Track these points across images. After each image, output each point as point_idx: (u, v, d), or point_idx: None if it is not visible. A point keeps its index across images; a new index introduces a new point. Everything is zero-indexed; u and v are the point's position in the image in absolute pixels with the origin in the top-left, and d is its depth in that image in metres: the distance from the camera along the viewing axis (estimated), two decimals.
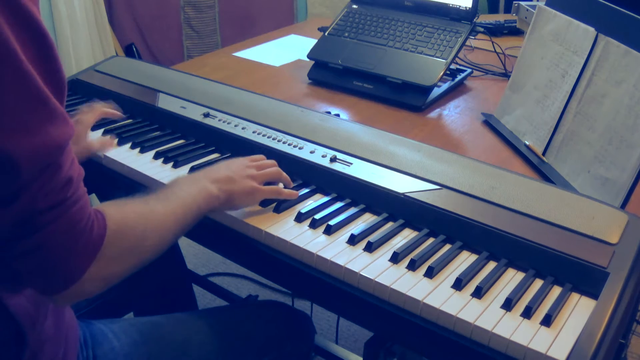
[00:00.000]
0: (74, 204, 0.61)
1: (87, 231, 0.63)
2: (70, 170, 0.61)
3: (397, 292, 0.74)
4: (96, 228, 0.64)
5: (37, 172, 0.57)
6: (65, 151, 0.60)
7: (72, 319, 0.81)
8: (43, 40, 0.57)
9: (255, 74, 1.51)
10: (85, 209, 0.63)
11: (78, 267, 0.63)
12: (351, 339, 1.81)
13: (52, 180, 0.58)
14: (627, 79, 0.92)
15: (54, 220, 0.60)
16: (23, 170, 0.55)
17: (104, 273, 0.65)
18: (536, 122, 1.11)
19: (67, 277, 0.63)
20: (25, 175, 0.56)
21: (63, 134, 0.58)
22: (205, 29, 3.21)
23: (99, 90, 1.26)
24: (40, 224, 0.59)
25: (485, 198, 0.86)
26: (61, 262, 0.62)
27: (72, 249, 0.62)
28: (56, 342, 0.74)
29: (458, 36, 1.34)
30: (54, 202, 0.59)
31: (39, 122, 0.56)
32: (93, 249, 0.64)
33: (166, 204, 0.77)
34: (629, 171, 0.88)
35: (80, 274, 0.63)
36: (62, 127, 0.58)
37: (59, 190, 0.59)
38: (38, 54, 0.56)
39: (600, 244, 0.77)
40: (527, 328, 0.69)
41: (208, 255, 2.19)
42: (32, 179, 0.57)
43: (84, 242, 0.62)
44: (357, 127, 1.06)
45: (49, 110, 0.57)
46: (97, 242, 0.64)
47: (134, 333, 0.89)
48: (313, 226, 0.86)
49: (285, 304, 1.12)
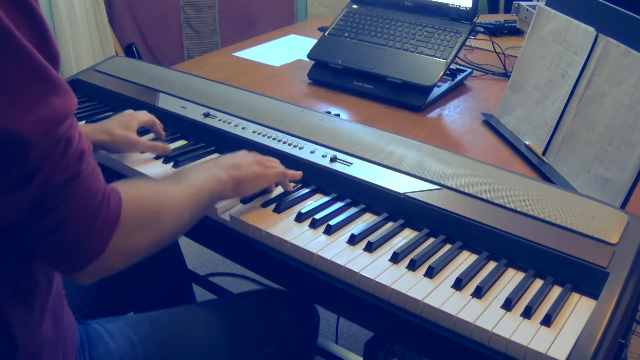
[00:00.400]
0: (89, 176, 0.61)
1: (105, 203, 0.62)
2: (81, 143, 0.61)
3: (397, 292, 0.74)
4: (113, 201, 0.64)
5: (50, 148, 0.57)
6: (73, 124, 0.60)
7: (71, 321, 0.80)
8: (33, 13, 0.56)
9: (255, 74, 1.51)
10: (101, 181, 0.63)
11: (100, 241, 0.63)
12: (351, 339, 1.81)
13: (65, 154, 0.58)
14: (627, 79, 0.92)
15: (72, 195, 0.59)
16: (34, 148, 0.55)
17: (125, 246, 0.65)
18: (536, 122, 1.11)
19: (89, 252, 0.62)
20: (37, 152, 0.56)
21: (68, 103, 0.58)
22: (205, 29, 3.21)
23: (99, 90, 1.26)
24: (58, 200, 0.59)
25: (485, 198, 0.86)
26: (83, 237, 0.61)
27: (92, 222, 0.61)
28: (55, 345, 0.74)
29: (458, 36, 1.34)
30: (70, 176, 0.59)
31: (42, 95, 0.56)
32: (112, 221, 0.63)
33: (179, 185, 0.77)
34: (629, 171, 0.88)
35: (102, 248, 0.63)
36: (65, 97, 0.58)
37: (73, 164, 0.59)
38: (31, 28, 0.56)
39: (601, 244, 0.77)
40: (527, 328, 0.69)
41: (208, 255, 2.19)
42: (45, 155, 0.56)
43: (103, 214, 0.62)
44: (357, 127, 1.06)
45: (51, 82, 0.57)
46: (116, 213, 0.64)
47: (129, 333, 0.88)
48: (313, 226, 0.86)
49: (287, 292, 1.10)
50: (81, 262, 0.63)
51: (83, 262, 0.63)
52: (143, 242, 0.69)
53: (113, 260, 0.65)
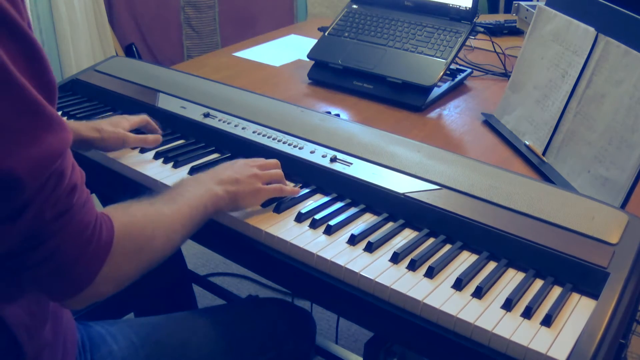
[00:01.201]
0: (80, 209, 0.61)
1: (97, 234, 0.62)
2: (73, 176, 0.60)
3: (397, 292, 0.74)
4: (105, 230, 0.64)
5: (41, 184, 0.56)
6: (67, 157, 0.59)
7: (70, 322, 0.80)
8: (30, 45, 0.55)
9: (255, 74, 1.51)
10: (92, 212, 0.63)
11: (90, 271, 0.63)
12: (351, 339, 1.81)
13: (56, 189, 0.58)
14: (627, 79, 0.92)
15: (63, 228, 0.59)
16: (26, 185, 0.54)
17: (115, 274, 0.65)
18: (536, 122, 1.11)
19: (80, 282, 0.62)
20: (29, 189, 0.55)
21: (62, 140, 0.57)
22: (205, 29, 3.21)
23: (99, 90, 1.26)
24: (49, 234, 0.58)
25: (485, 198, 0.86)
26: (73, 267, 0.61)
27: (83, 253, 0.61)
28: (54, 347, 0.74)
29: (458, 36, 1.34)
30: (61, 210, 0.59)
31: (36, 133, 0.55)
32: (104, 250, 0.63)
33: (172, 204, 0.77)
34: (629, 171, 0.88)
35: (92, 277, 0.63)
36: (60, 134, 0.57)
37: (65, 198, 0.59)
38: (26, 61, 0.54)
39: (601, 244, 0.77)
40: (528, 328, 0.69)
41: (208, 255, 2.19)
42: (36, 191, 0.56)
43: (94, 245, 0.62)
44: (357, 127, 1.06)
45: (45, 119, 0.56)
46: (107, 243, 0.64)
47: (132, 335, 0.88)
48: (313, 226, 0.86)
49: (285, 300, 1.11)
50: (71, 291, 0.63)
51: (73, 291, 0.63)
52: (134, 268, 0.69)
53: (103, 287, 0.65)
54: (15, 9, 0.54)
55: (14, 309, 0.67)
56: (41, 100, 0.55)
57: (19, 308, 0.67)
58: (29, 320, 0.68)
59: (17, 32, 0.54)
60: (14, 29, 0.53)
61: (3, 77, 0.52)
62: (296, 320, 1.04)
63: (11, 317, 0.66)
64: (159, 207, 0.75)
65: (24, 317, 0.68)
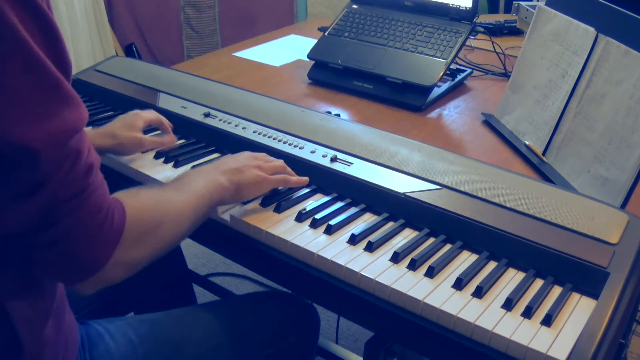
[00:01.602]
0: (95, 191, 0.61)
1: (109, 218, 0.63)
2: (90, 157, 0.61)
3: (398, 291, 0.75)
4: (117, 215, 0.64)
5: (59, 161, 0.57)
6: (83, 137, 0.60)
7: (72, 321, 0.80)
8: (48, 24, 0.56)
9: (255, 74, 1.51)
10: (106, 196, 0.63)
11: (102, 255, 0.63)
12: (351, 339, 1.81)
13: (73, 168, 0.58)
14: (627, 79, 0.92)
15: (77, 209, 0.59)
16: (43, 160, 0.55)
17: (126, 258, 0.66)
18: (536, 122, 1.12)
19: (91, 265, 0.63)
20: (46, 164, 0.56)
21: (79, 116, 0.58)
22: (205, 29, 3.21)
23: (99, 90, 1.26)
24: (62, 214, 0.59)
25: (485, 198, 0.86)
26: (85, 250, 0.61)
27: (96, 236, 0.62)
28: (56, 345, 0.74)
29: (458, 36, 1.34)
30: (76, 190, 0.59)
31: (55, 107, 0.56)
32: (115, 235, 0.64)
33: (180, 192, 0.77)
34: (629, 171, 0.88)
35: (104, 261, 0.63)
36: (77, 110, 0.58)
37: (80, 178, 0.59)
38: (45, 39, 0.56)
39: (601, 244, 0.77)
40: (528, 328, 0.69)
41: (208, 255, 2.19)
42: (54, 168, 0.56)
43: (106, 229, 0.62)
44: (357, 127, 1.06)
45: (64, 94, 0.57)
46: (119, 228, 0.64)
47: (130, 333, 0.88)
48: (313, 226, 0.87)
49: (288, 293, 1.10)
50: (82, 274, 0.63)
51: (84, 274, 0.63)
52: (144, 253, 0.69)
53: (114, 272, 0.65)
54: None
55: (18, 303, 0.67)
56: (60, 77, 0.56)
57: (22, 302, 0.67)
58: (31, 313, 0.68)
59: (37, 10, 0.55)
60: (34, 7, 0.55)
61: (24, 52, 0.53)
62: (299, 313, 1.03)
63: (14, 310, 0.66)
64: (168, 194, 0.76)
65: (27, 310, 0.68)
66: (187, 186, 0.79)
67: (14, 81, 0.53)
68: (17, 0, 0.53)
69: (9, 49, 0.53)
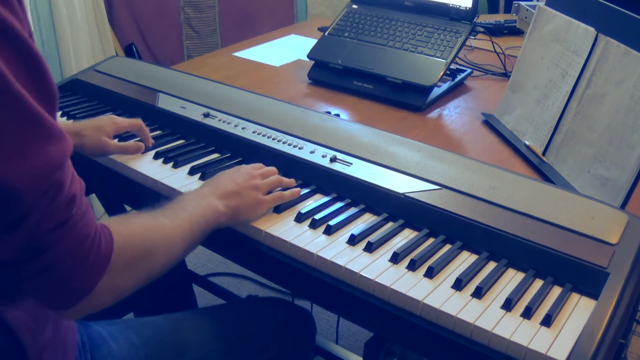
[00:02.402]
0: (79, 220, 0.60)
1: (95, 246, 0.62)
2: (72, 186, 0.60)
3: (397, 292, 0.74)
4: (103, 242, 0.63)
5: (39, 195, 0.55)
6: (66, 168, 0.59)
7: (70, 323, 0.80)
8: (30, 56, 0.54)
9: (255, 74, 1.51)
10: (91, 224, 0.62)
11: (87, 283, 0.62)
12: (351, 339, 1.81)
13: (55, 200, 0.57)
14: (627, 79, 0.92)
15: (61, 239, 0.58)
16: (25, 197, 0.54)
17: (113, 286, 0.65)
18: (536, 122, 1.11)
19: (77, 293, 0.62)
20: (28, 200, 0.55)
21: (62, 151, 0.57)
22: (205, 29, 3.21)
23: (99, 90, 1.26)
24: (47, 245, 0.58)
25: (485, 198, 0.86)
26: (70, 279, 0.61)
27: (81, 265, 0.61)
28: (54, 347, 0.74)
29: (458, 36, 1.34)
30: (59, 221, 0.58)
31: (36, 145, 0.54)
32: (102, 263, 0.63)
33: (174, 219, 0.76)
34: (629, 171, 0.88)
35: (89, 289, 0.62)
36: (60, 145, 0.56)
37: (63, 210, 0.58)
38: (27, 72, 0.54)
39: (600, 244, 0.77)
40: (527, 328, 0.69)
41: (208, 255, 2.19)
42: (35, 202, 0.55)
43: (92, 257, 0.62)
44: (357, 127, 1.06)
45: (46, 130, 0.55)
46: (106, 256, 0.63)
47: (131, 335, 0.89)
48: (313, 226, 0.86)
49: (285, 300, 1.11)
50: (69, 302, 0.63)
51: (70, 302, 0.62)
52: (132, 281, 0.68)
53: (101, 298, 0.64)
54: (16, 17, 0.53)
55: (18, 312, 0.67)
56: (41, 112, 0.54)
57: (22, 311, 0.67)
58: (32, 323, 0.68)
59: (18, 42, 0.53)
60: (15, 39, 0.53)
61: (3, 88, 0.51)
62: (296, 319, 1.05)
63: (15, 320, 0.66)
64: (160, 220, 0.75)
65: (27, 320, 0.68)
66: (181, 211, 0.78)
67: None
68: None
69: None
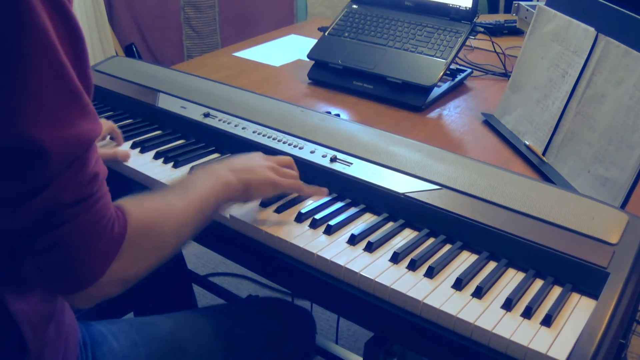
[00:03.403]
0: (98, 200, 0.61)
1: (109, 229, 0.62)
2: (96, 166, 0.61)
3: (397, 292, 0.74)
4: (117, 227, 0.63)
5: (66, 165, 0.57)
6: (93, 147, 0.60)
7: (72, 322, 0.80)
8: (78, 39, 0.57)
9: (255, 74, 1.51)
10: (108, 207, 0.63)
11: (98, 267, 0.62)
12: (351, 339, 1.81)
13: (79, 174, 0.58)
14: (627, 79, 0.92)
15: (78, 215, 0.59)
16: (52, 163, 0.55)
17: (123, 274, 0.65)
18: (536, 122, 1.11)
19: (86, 277, 0.61)
20: (54, 167, 0.56)
21: (93, 130, 0.59)
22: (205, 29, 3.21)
23: (99, 90, 1.26)
24: (63, 218, 0.58)
25: (485, 198, 0.86)
26: (81, 260, 0.60)
27: (93, 247, 0.61)
28: (56, 345, 0.74)
29: (458, 36, 1.34)
30: (79, 196, 0.59)
31: (72, 115, 0.57)
32: (114, 247, 0.63)
33: (184, 197, 0.76)
34: (629, 171, 0.88)
35: (100, 274, 0.62)
36: (92, 124, 0.59)
37: (85, 185, 0.59)
38: (73, 51, 0.57)
39: (601, 244, 0.77)
40: (528, 328, 0.69)
41: (208, 255, 2.19)
42: (59, 171, 0.57)
43: (105, 240, 0.61)
44: (357, 127, 1.06)
45: (82, 105, 0.58)
46: (118, 241, 0.63)
47: (132, 334, 0.89)
48: (313, 226, 0.86)
49: (285, 300, 1.11)
50: (77, 285, 0.62)
51: (79, 285, 0.62)
52: (141, 268, 0.68)
53: (109, 286, 0.64)
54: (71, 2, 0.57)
55: (22, 306, 0.67)
56: (82, 89, 0.57)
57: (26, 305, 0.67)
58: (35, 317, 0.68)
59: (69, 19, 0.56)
60: (66, 13, 0.56)
61: (51, 56, 0.54)
62: (296, 320, 1.05)
63: (19, 314, 0.66)
64: (171, 201, 0.74)
65: (32, 315, 0.68)
66: (191, 189, 0.78)
67: (38, 82, 0.54)
68: (51, 5, 0.54)
69: (38, 50, 0.53)
